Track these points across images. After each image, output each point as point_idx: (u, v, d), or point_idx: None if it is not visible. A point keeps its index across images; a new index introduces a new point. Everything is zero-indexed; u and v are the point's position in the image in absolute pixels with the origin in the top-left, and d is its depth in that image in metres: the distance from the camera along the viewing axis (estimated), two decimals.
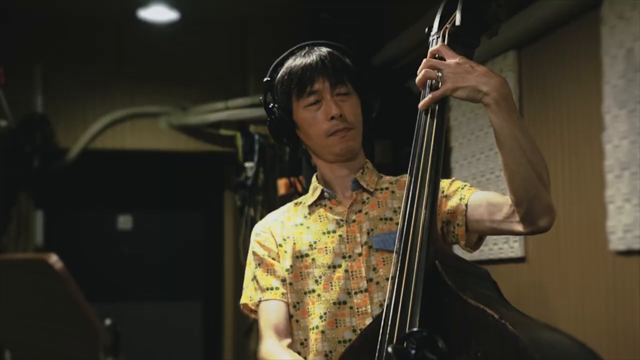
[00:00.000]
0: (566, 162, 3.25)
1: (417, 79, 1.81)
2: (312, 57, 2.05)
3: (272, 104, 2.10)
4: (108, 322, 1.11)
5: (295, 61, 2.06)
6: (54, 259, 1.12)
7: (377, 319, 1.76)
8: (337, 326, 1.99)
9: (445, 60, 1.78)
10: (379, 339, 1.67)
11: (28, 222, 5.56)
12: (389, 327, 1.65)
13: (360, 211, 2.06)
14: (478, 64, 1.78)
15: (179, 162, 6.06)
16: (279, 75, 2.08)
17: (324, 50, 2.07)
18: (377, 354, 1.67)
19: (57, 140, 5.44)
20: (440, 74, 1.76)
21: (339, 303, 1.99)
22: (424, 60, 1.82)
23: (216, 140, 5.74)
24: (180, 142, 5.74)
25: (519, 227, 1.87)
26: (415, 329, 1.19)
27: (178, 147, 5.76)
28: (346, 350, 1.86)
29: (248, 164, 5.24)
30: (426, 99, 1.79)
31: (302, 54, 2.07)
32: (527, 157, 1.78)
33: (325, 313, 2.00)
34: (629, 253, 2.88)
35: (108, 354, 1.13)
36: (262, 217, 2.56)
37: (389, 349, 1.15)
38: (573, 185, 3.20)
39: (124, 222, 6.23)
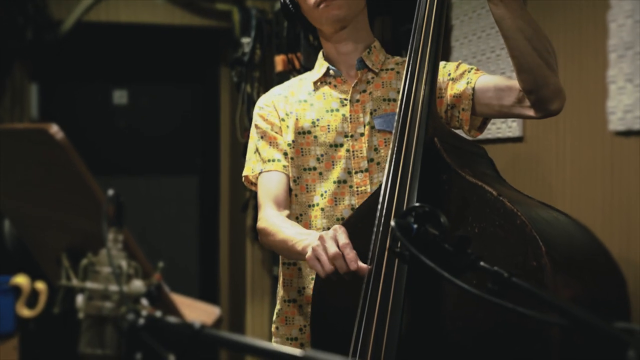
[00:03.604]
0: (568, 40, 3.21)
1: None
2: None
3: None
4: (111, 192, 1.11)
5: None
6: (54, 129, 1.10)
7: (374, 194, 1.77)
8: (336, 204, 2.02)
9: None
10: (377, 213, 1.69)
11: (23, 94, 5.52)
12: (386, 202, 1.67)
13: (364, 91, 2.06)
14: None
15: (174, 37, 5.98)
16: None
17: None
18: (375, 228, 1.69)
19: (50, 11, 5.33)
20: None
21: (339, 182, 2.02)
22: None
23: (212, 15, 5.64)
24: (175, 16, 5.65)
25: (530, 112, 1.89)
26: (417, 204, 1.19)
27: (173, 22, 5.66)
28: (344, 224, 1.88)
29: (245, 40, 5.16)
30: None
31: None
32: (533, 46, 1.78)
33: (325, 191, 2.03)
34: (628, 133, 2.88)
35: (111, 225, 1.13)
36: (259, 93, 2.54)
37: (392, 223, 1.16)
38: (575, 64, 3.16)
39: (120, 96, 6.19)
